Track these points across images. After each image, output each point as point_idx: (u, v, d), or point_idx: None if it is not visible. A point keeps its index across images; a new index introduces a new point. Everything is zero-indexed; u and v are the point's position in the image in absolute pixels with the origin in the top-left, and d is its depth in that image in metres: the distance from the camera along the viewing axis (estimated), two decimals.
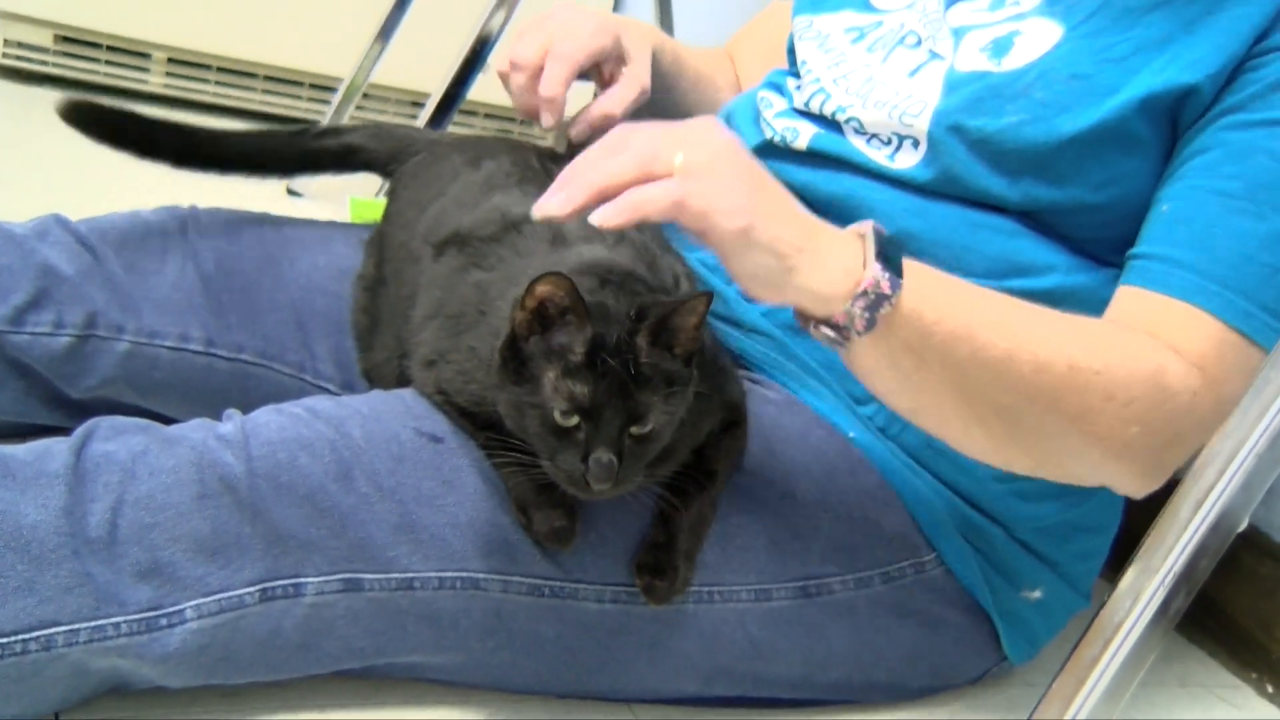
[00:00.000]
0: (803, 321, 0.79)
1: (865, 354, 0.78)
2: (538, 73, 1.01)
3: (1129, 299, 0.86)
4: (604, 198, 0.71)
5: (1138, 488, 0.84)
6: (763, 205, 0.74)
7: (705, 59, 1.23)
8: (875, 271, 0.75)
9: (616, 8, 2.51)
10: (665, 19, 2.01)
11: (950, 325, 0.78)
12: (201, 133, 1.10)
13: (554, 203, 0.72)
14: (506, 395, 0.76)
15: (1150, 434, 0.80)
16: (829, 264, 0.75)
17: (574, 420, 0.73)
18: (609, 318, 0.73)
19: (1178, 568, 0.69)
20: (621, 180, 0.72)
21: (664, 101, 1.14)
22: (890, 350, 0.78)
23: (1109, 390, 0.79)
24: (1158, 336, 0.83)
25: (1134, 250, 0.88)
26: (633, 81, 1.05)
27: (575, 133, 1.04)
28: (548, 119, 1.01)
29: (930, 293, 0.78)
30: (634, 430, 0.74)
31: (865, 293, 0.75)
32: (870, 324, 0.75)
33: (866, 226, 0.78)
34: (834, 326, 0.76)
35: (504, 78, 1.04)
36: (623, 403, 0.73)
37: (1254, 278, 0.83)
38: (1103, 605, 0.73)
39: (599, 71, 1.07)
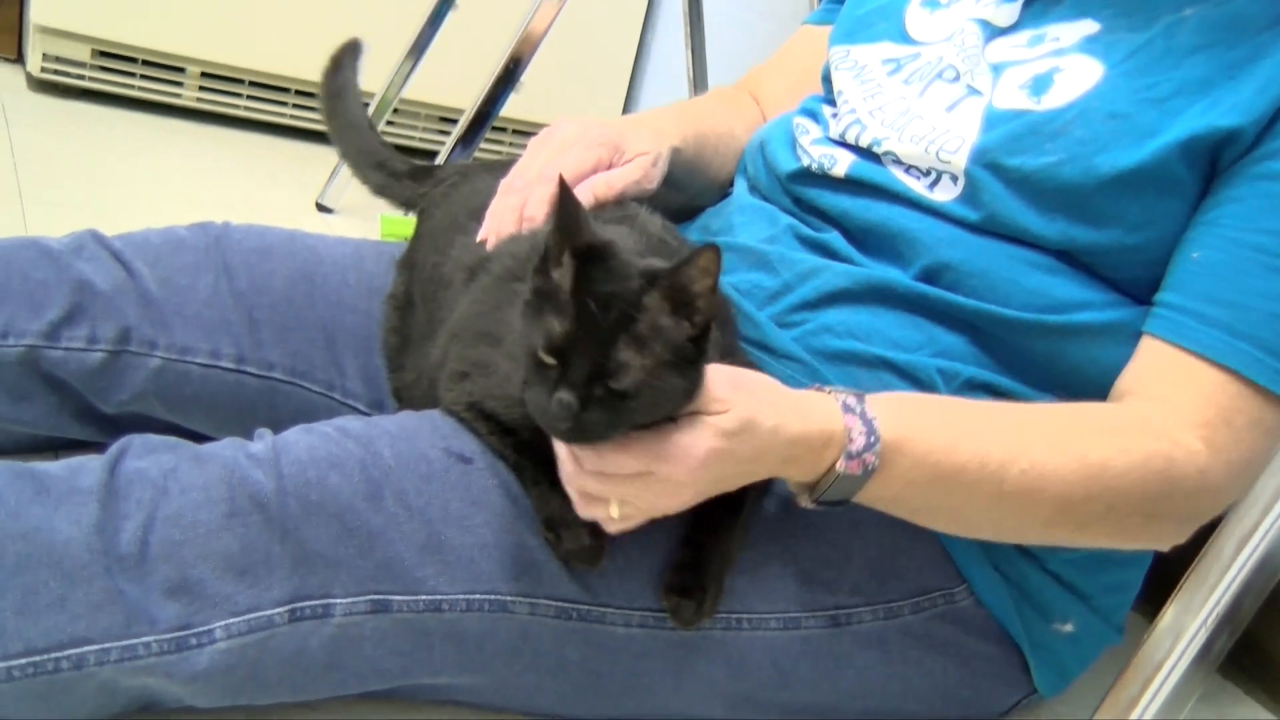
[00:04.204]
0: (802, 500, 0.83)
1: (867, 498, 0.83)
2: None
3: (1156, 354, 0.87)
4: None
5: (1168, 545, 0.88)
6: (706, 477, 0.76)
7: (723, 114, 1.19)
8: (856, 433, 0.79)
9: (646, 32, 2.50)
10: (697, 38, 2.01)
11: (944, 486, 0.83)
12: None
13: None
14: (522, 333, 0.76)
15: (1166, 515, 0.85)
16: (804, 461, 0.79)
17: (552, 359, 0.72)
18: (614, 265, 0.73)
19: (1221, 608, 0.68)
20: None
21: (688, 181, 1.10)
22: (893, 493, 0.83)
23: (1111, 503, 0.83)
24: (1177, 396, 0.85)
25: (1162, 296, 0.88)
26: (620, 176, 0.98)
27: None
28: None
29: (908, 434, 0.81)
30: (610, 384, 0.71)
31: (850, 454, 0.79)
32: (866, 469, 0.80)
33: (829, 392, 0.81)
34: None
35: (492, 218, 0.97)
36: (599, 351, 0.71)
37: None
38: (1142, 643, 0.71)
39: None
